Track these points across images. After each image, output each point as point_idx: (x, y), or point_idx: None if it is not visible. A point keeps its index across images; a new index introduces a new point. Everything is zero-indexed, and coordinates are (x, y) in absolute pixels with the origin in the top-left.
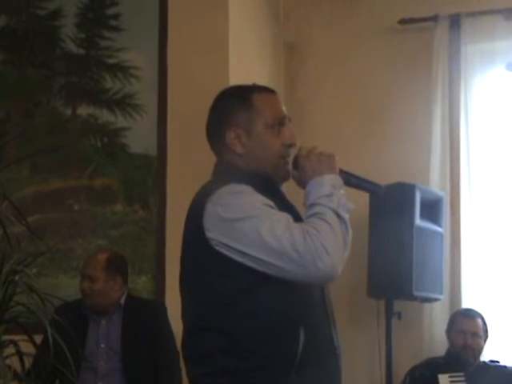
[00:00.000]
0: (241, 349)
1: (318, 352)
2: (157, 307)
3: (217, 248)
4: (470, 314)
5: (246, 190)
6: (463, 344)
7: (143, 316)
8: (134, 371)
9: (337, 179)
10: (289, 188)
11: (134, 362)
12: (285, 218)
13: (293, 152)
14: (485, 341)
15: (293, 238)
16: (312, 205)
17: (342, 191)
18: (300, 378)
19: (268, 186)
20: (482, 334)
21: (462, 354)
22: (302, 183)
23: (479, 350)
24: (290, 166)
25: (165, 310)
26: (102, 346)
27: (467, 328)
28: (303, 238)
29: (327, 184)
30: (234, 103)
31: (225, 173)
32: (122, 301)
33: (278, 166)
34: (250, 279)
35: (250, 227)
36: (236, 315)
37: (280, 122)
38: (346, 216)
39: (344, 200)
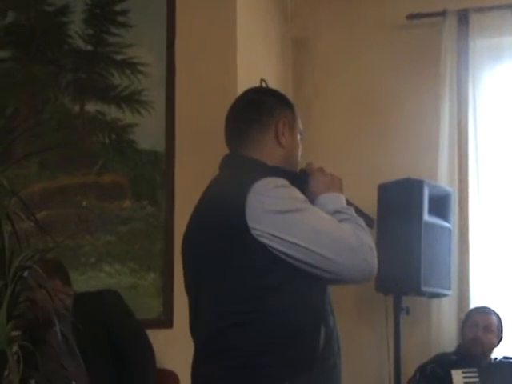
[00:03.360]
0: (268, 344)
1: (332, 350)
2: (102, 297)
3: (260, 239)
4: (485, 310)
5: (287, 183)
6: (473, 336)
7: (91, 311)
8: (95, 367)
9: (345, 201)
10: None
11: (93, 360)
12: (326, 214)
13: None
14: (498, 339)
15: (345, 233)
16: (338, 211)
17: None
18: (321, 374)
19: (300, 185)
20: (494, 329)
21: (472, 348)
22: (310, 193)
23: (490, 346)
24: None
25: (111, 296)
26: (62, 348)
27: (479, 321)
28: (354, 233)
29: (343, 200)
30: (280, 101)
31: (254, 166)
32: (68, 304)
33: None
34: (287, 274)
35: (302, 219)
36: (266, 309)
37: (301, 137)
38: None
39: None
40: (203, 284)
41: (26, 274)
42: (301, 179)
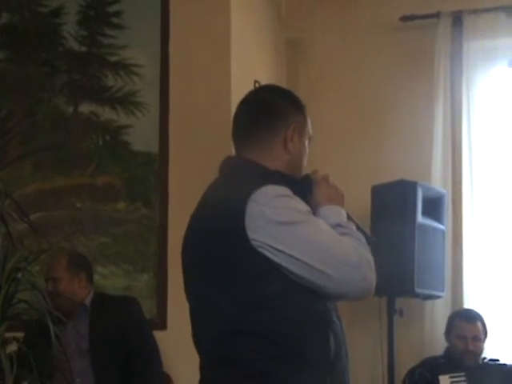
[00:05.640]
0: (278, 352)
1: (342, 354)
2: (125, 302)
3: (260, 250)
4: (470, 318)
5: (289, 192)
6: (464, 349)
7: (110, 313)
8: (103, 367)
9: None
10: None
11: (103, 358)
12: (328, 227)
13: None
14: (484, 341)
15: (345, 248)
16: (339, 225)
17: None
18: (334, 379)
19: (302, 193)
20: (482, 336)
21: (464, 359)
22: (312, 202)
23: (480, 353)
24: None
25: (132, 302)
26: (72, 346)
27: (468, 333)
28: (355, 250)
29: (344, 215)
30: (292, 105)
31: (254, 171)
32: (87, 301)
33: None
34: (288, 283)
35: (303, 232)
36: (274, 319)
37: (310, 142)
38: None
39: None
40: (205, 290)
41: (20, 275)
42: (302, 185)
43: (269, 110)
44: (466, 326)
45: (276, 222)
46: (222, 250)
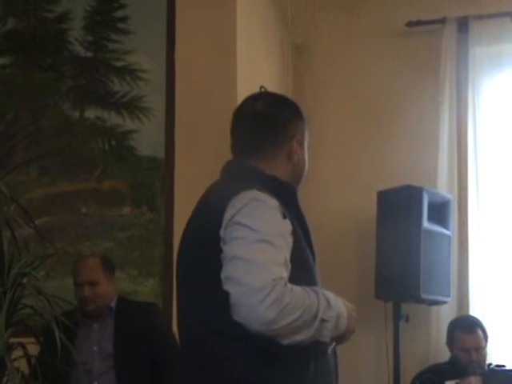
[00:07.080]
0: (263, 355)
1: (328, 368)
2: (149, 309)
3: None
4: (470, 329)
5: (271, 203)
6: (468, 360)
7: (135, 319)
8: (127, 372)
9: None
10: None
11: (127, 363)
12: (283, 257)
13: None
14: (486, 345)
15: (265, 278)
16: (328, 307)
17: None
18: None
19: (292, 201)
20: (483, 344)
21: (469, 368)
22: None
23: (484, 360)
24: None
25: (157, 310)
26: (95, 348)
27: (470, 345)
28: (280, 288)
29: (338, 308)
30: (293, 114)
31: (252, 176)
32: (113, 304)
33: (298, 184)
34: None
35: (245, 237)
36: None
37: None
38: (325, 332)
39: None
40: (189, 289)
41: (25, 280)
42: (293, 191)
43: (271, 124)
44: (467, 338)
45: (234, 221)
46: (205, 250)
